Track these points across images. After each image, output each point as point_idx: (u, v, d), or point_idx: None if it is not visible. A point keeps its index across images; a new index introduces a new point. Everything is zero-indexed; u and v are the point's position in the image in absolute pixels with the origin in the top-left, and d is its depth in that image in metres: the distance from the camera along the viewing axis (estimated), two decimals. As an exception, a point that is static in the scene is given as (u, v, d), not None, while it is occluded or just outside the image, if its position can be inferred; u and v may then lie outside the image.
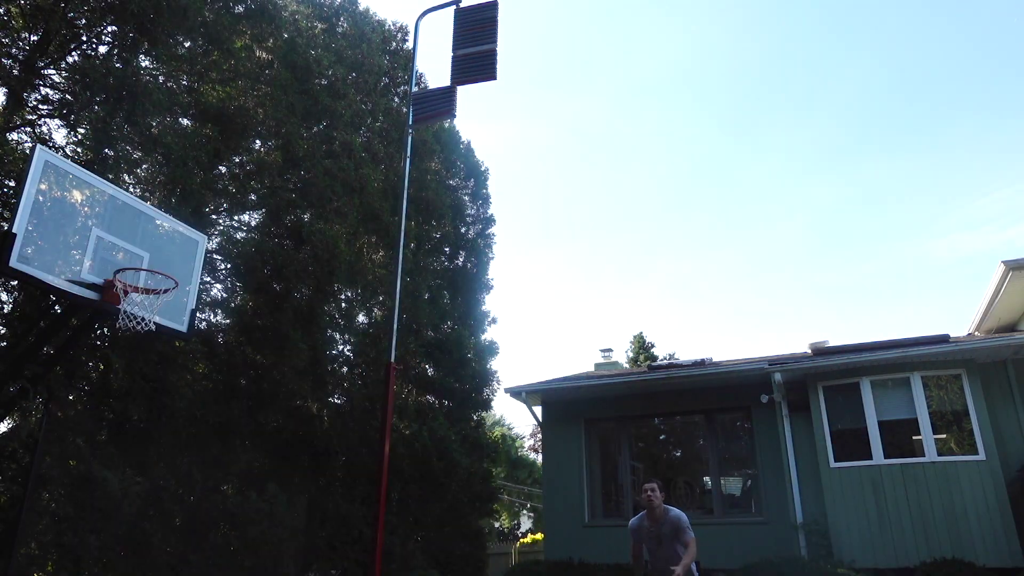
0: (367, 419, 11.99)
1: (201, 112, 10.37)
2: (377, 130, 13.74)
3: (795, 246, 52.82)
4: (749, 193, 50.83)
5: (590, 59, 57.34)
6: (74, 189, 5.50)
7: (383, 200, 12.37)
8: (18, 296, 8.54)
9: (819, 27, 42.44)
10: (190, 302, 6.34)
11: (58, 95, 8.81)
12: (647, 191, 57.21)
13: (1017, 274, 9.20)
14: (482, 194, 17.23)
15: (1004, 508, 8.36)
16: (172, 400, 8.92)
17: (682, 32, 48.30)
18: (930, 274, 51.75)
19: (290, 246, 11.16)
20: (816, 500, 9.37)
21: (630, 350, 27.43)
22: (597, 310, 54.69)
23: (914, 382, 9.21)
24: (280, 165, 11.29)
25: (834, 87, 41.87)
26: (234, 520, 9.37)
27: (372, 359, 12.39)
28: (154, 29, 8.90)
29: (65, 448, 8.02)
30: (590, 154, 57.04)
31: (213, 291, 11.30)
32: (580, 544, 10.46)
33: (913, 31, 39.21)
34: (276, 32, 11.69)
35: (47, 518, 7.87)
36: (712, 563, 9.89)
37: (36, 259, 5.09)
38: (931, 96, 42.21)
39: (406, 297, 12.91)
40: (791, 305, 51.68)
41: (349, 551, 11.30)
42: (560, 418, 11.87)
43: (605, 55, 54.64)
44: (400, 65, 14.42)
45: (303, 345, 10.53)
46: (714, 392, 10.96)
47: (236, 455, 10.14)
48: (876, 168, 45.32)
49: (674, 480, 11.69)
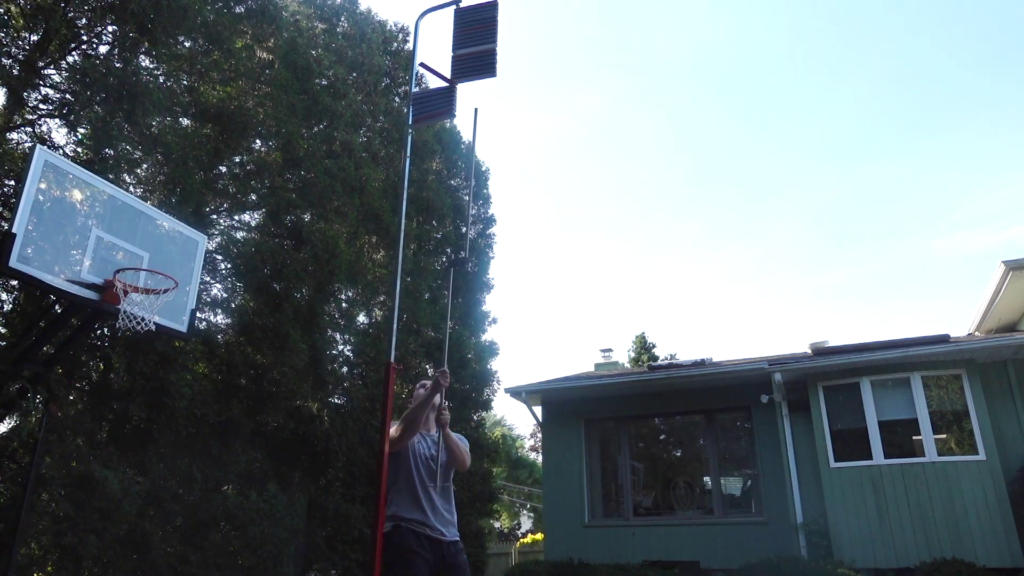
0: (367, 419, 11.98)
1: (201, 112, 10.36)
2: (378, 130, 13.74)
3: (795, 246, 52.82)
4: (750, 193, 50.84)
5: (590, 59, 57.36)
6: (74, 189, 5.50)
7: (383, 200, 12.37)
8: (18, 296, 8.54)
9: (820, 26, 42.45)
10: (190, 302, 6.34)
11: (58, 95, 8.80)
12: (648, 191, 57.23)
13: (1017, 274, 9.21)
14: (483, 194, 17.24)
15: (1004, 508, 8.36)
16: (172, 400, 8.90)
17: (682, 33, 48.32)
18: (932, 273, 51.77)
19: (290, 246, 11.16)
20: (816, 500, 9.37)
21: (632, 350, 27.45)
22: (597, 310, 54.72)
23: (914, 382, 9.21)
24: (280, 165, 11.29)
25: (835, 86, 41.90)
26: (234, 520, 9.36)
27: (372, 359, 12.39)
28: (154, 29, 8.89)
29: (65, 448, 8.01)
30: (591, 153, 57.08)
31: (213, 291, 11.29)
32: (580, 544, 10.46)
33: (917, 29, 39.21)
34: (277, 32, 11.69)
35: (47, 518, 7.86)
36: (712, 563, 9.90)
37: (36, 259, 5.08)
38: (934, 94, 42.22)
39: (406, 297, 12.92)
40: (791, 305, 51.69)
41: (349, 551, 11.29)
42: (560, 418, 11.88)
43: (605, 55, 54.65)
44: (401, 65, 14.42)
45: (303, 345, 10.52)
46: (714, 392, 10.97)
47: (236, 455, 10.13)
48: (878, 166, 45.33)
49: (674, 480, 11.69)
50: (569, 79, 56.47)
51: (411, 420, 3.87)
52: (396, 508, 3.76)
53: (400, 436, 3.84)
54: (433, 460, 3.88)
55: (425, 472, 3.85)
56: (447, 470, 3.92)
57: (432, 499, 3.80)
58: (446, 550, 3.72)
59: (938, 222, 49.67)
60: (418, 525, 3.71)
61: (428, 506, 3.76)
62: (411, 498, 3.78)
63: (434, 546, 3.69)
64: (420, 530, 3.70)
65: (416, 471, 3.84)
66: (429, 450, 3.93)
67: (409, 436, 3.87)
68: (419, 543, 3.66)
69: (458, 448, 3.96)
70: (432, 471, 3.85)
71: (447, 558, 3.70)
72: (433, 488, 3.82)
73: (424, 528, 3.71)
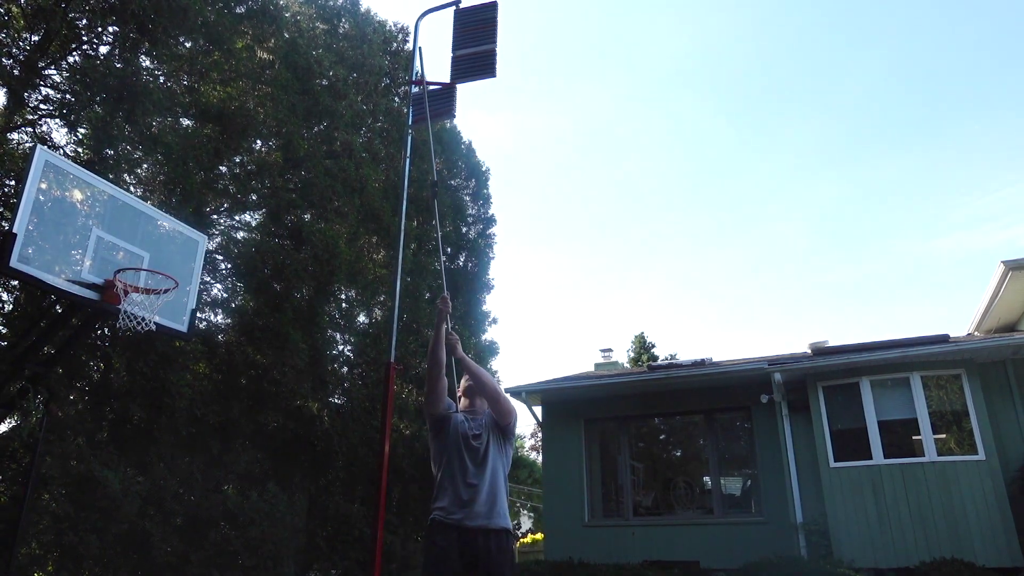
0: (367, 419, 11.99)
1: (202, 112, 10.38)
2: (378, 130, 13.77)
3: (795, 246, 52.82)
4: (750, 192, 50.85)
5: (590, 59, 57.38)
6: (74, 189, 5.51)
7: (383, 200, 12.39)
8: (18, 296, 8.55)
9: (821, 26, 42.47)
10: (190, 302, 6.35)
11: (58, 95, 8.82)
12: (648, 190, 57.23)
13: (1017, 274, 9.21)
14: (483, 194, 17.25)
15: (1004, 508, 8.36)
16: (172, 400, 8.92)
17: (682, 32, 48.34)
18: (931, 273, 51.76)
19: (290, 246, 11.17)
20: (816, 500, 9.37)
21: (632, 350, 27.45)
22: (597, 310, 54.73)
23: (914, 382, 9.21)
24: (281, 165, 11.31)
25: (836, 85, 41.90)
26: (234, 520, 9.37)
27: (372, 359, 12.40)
28: (155, 29, 8.91)
29: (65, 448, 8.02)
30: (591, 153, 57.08)
31: (213, 291, 11.32)
32: (580, 544, 10.46)
33: (917, 29, 39.22)
34: (277, 32, 11.71)
35: (47, 518, 7.88)
36: (712, 563, 9.90)
37: (36, 259, 5.09)
38: (934, 94, 42.22)
39: (406, 297, 12.92)
40: (791, 305, 51.70)
41: (349, 551, 11.31)
42: (560, 418, 11.88)
43: (605, 55, 54.67)
44: (401, 66, 14.44)
45: (303, 345, 10.54)
46: (714, 392, 10.97)
47: (236, 455, 10.15)
48: (878, 166, 45.34)
49: (674, 480, 11.70)
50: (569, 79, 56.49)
51: (430, 354, 3.62)
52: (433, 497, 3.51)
53: (428, 379, 3.60)
54: (475, 439, 3.55)
55: (466, 452, 3.52)
56: (485, 446, 3.55)
57: (466, 482, 3.45)
58: (480, 539, 3.35)
59: (938, 222, 49.70)
60: (443, 513, 3.41)
61: (464, 492, 3.43)
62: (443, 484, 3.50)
63: (463, 535, 3.35)
64: (446, 519, 3.39)
65: (450, 452, 3.54)
66: (471, 430, 3.59)
67: (435, 375, 3.61)
68: (445, 537, 3.35)
69: (480, 372, 3.62)
70: (473, 448, 3.52)
71: (476, 550, 3.33)
72: (469, 472, 3.47)
73: (451, 516, 3.39)
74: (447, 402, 3.67)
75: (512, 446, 3.72)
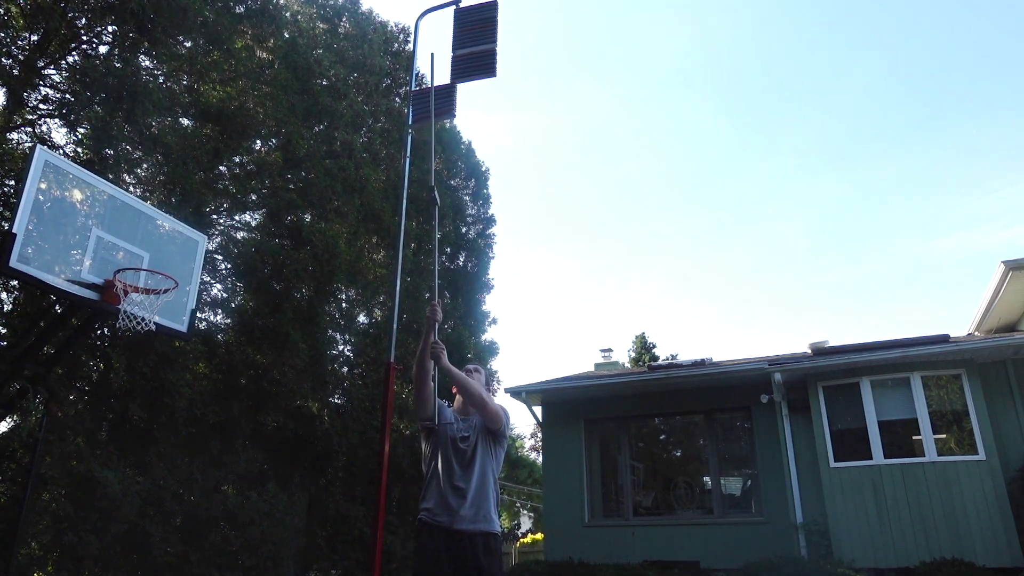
0: (367, 419, 11.99)
1: (201, 112, 10.37)
2: (378, 130, 13.75)
3: (795, 246, 52.82)
4: (750, 192, 50.84)
5: (590, 59, 57.37)
6: (74, 189, 5.50)
7: (383, 200, 12.38)
8: (18, 296, 8.54)
9: (821, 26, 42.45)
10: (190, 302, 6.34)
11: (58, 95, 8.81)
12: (648, 190, 57.23)
13: (1017, 274, 9.21)
14: (483, 194, 17.23)
15: (1004, 508, 8.36)
16: (172, 400, 8.91)
17: (682, 32, 48.33)
18: (931, 273, 51.77)
19: (290, 246, 11.16)
20: (816, 500, 9.37)
21: (632, 350, 27.45)
22: (597, 310, 54.73)
23: (914, 382, 9.21)
24: (281, 165, 11.30)
25: (836, 85, 41.89)
26: (234, 520, 9.37)
27: (372, 359, 12.40)
28: (154, 29, 8.90)
29: (65, 448, 8.02)
30: (591, 153, 57.07)
31: (213, 291, 11.31)
32: (580, 544, 10.46)
33: (916, 29, 39.21)
34: (277, 32, 11.70)
35: (47, 518, 7.87)
36: (712, 563, 9.90)
37: (36, 259, 5.09)
38: (934, 94, 42.22)
39: (406, 297, 12.91)
40: (791, 305, 51.70)
41: (349, 551, 11.30)
42: (560, 418, 11.88)
43: (605, 55, 54.65)
44: (402, 66, 14.43)
45: (303, 345, 10.53)
46: (714, 392, 10.97)
47: (236, 455, 10.14)
48: (878, 166, 45.33)
49: (674, 480, 11.69)
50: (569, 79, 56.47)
51: (416, 360, 3.63)
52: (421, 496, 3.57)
53: (414, 385, 3.61)
54: (463, 441, 3.56)
55: (454, 455, 3.54)
56: (472, 446, 3.57)
57: (452, 485, 3.46)
58: (466, 542, 3.36)
59: (938, 222, 49.70)
60: (430, 515, 3.44)
61: (451, 495, 3.44)
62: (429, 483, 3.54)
63: (450, 537, 3.37)
64: (432, 520, 3.42)
65: (437, 452, 3.57)
66: (460, 432, 3.61)
67: (420, 382, 3.61)
68: (433, 539, 3.38)
69: (465, 381, 3.60)
70: (460, 451, 3.53)
71: (463, 552, 3.35)
72: (453, 473, 3.49)
73: (437, 518, 3.43)
74: (436, 404, 3.69)
75: (504, 448, 3.74)
